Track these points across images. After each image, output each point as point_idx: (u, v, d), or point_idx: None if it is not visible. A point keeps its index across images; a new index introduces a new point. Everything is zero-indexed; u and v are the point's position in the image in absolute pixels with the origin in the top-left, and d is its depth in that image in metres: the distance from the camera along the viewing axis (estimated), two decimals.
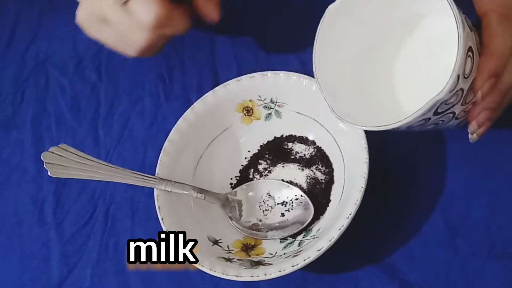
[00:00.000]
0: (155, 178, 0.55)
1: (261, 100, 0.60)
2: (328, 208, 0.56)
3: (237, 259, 0.55)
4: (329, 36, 0.52)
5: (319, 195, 0.57)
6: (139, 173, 0.55)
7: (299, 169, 0.59)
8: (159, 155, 0.58)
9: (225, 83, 0.59)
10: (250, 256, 0.56)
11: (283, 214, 0.57)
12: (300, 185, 0.58)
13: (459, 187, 0.55)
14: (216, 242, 0.57)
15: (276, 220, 0.57)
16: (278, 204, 0.58)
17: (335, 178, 0.57)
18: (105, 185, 0.65)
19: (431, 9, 0.50)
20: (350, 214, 0.50)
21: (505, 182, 0.54)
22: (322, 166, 0.58)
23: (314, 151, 0.59)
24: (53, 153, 0.55)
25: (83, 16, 0.54)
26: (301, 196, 0.57)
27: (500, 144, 0.55)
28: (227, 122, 0.61)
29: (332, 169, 0.58)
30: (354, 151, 0.54)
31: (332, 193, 0.57)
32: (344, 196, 0.55)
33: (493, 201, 0.53)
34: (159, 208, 0.56)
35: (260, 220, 0.57)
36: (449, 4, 0.45)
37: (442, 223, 0.54)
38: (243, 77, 0.59)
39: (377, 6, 0.52)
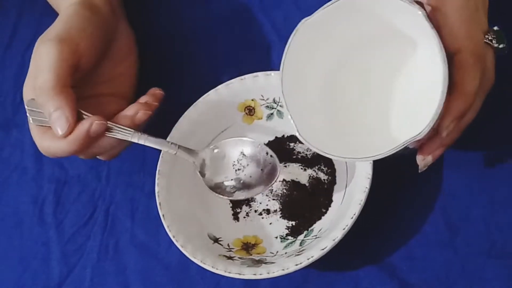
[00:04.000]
0: (129, 130, 0.54)
1: (263, 99, 0.60)
2: (330, 208, 0.56)
3: (238, 257, 0.55)
4: (300, 52, 0.51)
5: (321, 195, 0.57)
6: (114, 124, 0.54)
7: (301, 169, 0.59)
8: (159, 155, 0.58)
9: (228, 82, 0.60)
10: (251, 255, 0.56)
11: (251, 176, 0.57)
12: (302, 185, 0.58)
13: (459, 187, 0.55)
14: (216, 241, 0.57)
15: (245, 179, 0.57)
16: (249, 164, 0.57)
17: (337, 179, 0.57)
18: (105, 185, 0.65)
19: (412, 31, 0.48)
20: (354, 214, 0.50)
21: (504, 182, 0.54)
22: (324, 167, 0.58)
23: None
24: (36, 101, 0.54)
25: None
26: (271, 156, 0.56)
27: (500, 144, 0.55)
28: (229, 121, 0.61)
29: (335, 170, 0.58)
30: None
31: (334, 193, 0.57)
32: (346, 196, 0.55)
33: (493, 201, 0.54)
34: (159, 204, 0.56)
35: (231, 179, 0.57)
36: (433, 33, 0.43)
37: (442, 223, 0.54)
38: (246, 76, 0.59)
39: (350, 25, 0.50)
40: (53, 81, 0.52)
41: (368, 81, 0.53)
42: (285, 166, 0.59)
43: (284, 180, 0.59)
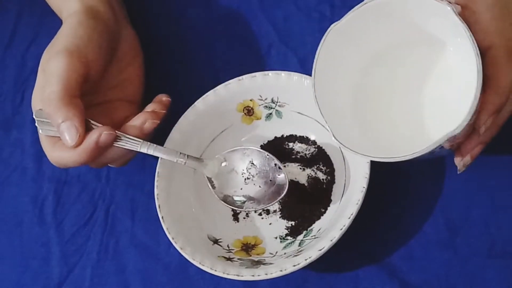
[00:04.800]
0: (138, 140, 0.54)
1: (262, 100, 0.60)
2: (329, 208, 0.56)
3: (238, 259, 0.55)
4: (330, 57, 0.51)
5: (320, 194, 0.57)
6: (123, 133, 0.54)
7: (300, 168, 0.59)
8: None
9: (226, 83, 0.59)
10: (250, 255, 0.56)
11: (260, 186, 0.56)
12: (301, 185, 0.58)
13: (459, 187, 0.55)
14: (216, 242, 0.57)
15: (255, 190, 0.57)
16: (258, 173, 0.57)
17: (336, 178, 0.57)
18: (105, 185, 0.65)
19: (442, 32, 0.49)
20: (352, 214, 0.50)
21: (504, 182, 0.54)
22: (323, 166, 0.58)
23: (315, 151, 0.59)
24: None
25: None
26: (279, 168, 0.56)
27: (499, 144, 0.55)
28: (228, 122, 0.61)
29: (333, 169, 0.58)
30: None
31: (333, 193, 0.57)
32: (345, 196, 0.55)
33: (492, 201, 0.54)
34: (159, 206, 0.56)
35: (241, 189, 0.57)
36: (466, 32, 0.43)
37: (442, 223, 0.54)
38: (244, 76, 0.59)
39: (382, 25, 0.51)
40: (61, 92, 0.52)
41: (399, 83, 0.53)
42: (284, 166, 0.59)
43: None
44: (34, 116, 0.55)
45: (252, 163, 0.56)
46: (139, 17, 0.66)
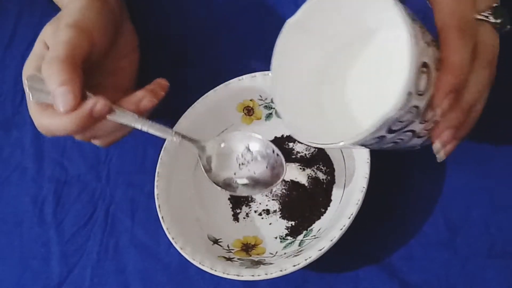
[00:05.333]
0: (133, 116, 0.53)
1: (262, 100, 0.60)
2: (329, 208, 0.56)
3: (238, 259, 0.55)
4: (287, 50, 0.50)
5: (320, 194, 0.57)
6: (118, 107, 0.53)
7: (300, 168, 0.59)
8: (159, 155, 0.58)
9: (226, 83, 0.60)
10: (250, 255, 0.56)
11: (255, 172, 0.56)
12: (301, 185, 0.58)
13: (458, 187, 0.55)
14: (216, 242, 0.57)
15: (251, 174, 0.56)
16: (256, 158, 0.56)
17: (336, 178, 0.57)
18: (105, 185, 0.65)
19: (387, 22, 0.47)
20: (352, 214, 0.50)
21: (504, 182, 0.54)
22: (323, 166, 0.58)
23: (315, 150, 0.59)
24: (38, 77, 0.53)
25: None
26: (277, 155, 0.56)
27: (499, 144, 0.55)
28: (228, 122, 0.61)
29: (333, 169, 0.58)
30: (355, 152, 0.54)
31: (333, 193, 0.57)
32: (345, 196, 0.55)
33: (492, 201, 0.53)
34: (159, 207, 0.56)
35: (235, 174, 0.56)
36: (402, 17, 0.43)
37: (442, 223, 0.54)
38: (244, 76, 0.59)
39: (334, 21, 0.49)
40: (65, 57, 0.51)
41: (353, 76, 0.52)
42: None
43: (283, 180, 0.59)
44: (25, 81, 0.53)
45: (248, 149, 0.56)
46: (139, 17, 0.66)
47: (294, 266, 0.50)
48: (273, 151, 0.55)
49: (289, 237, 0.57)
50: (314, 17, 0.49)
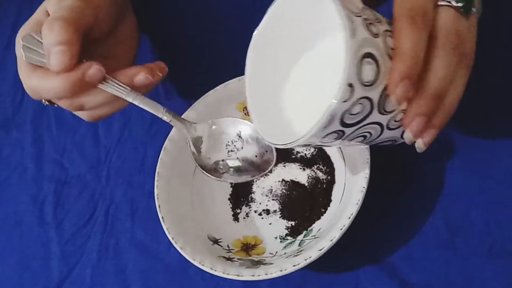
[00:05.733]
0: (125, 88, 0.51)
1: None
2: (329, 208, 0.56)
3: (238, 259, 0.55)
4: (257, 60, 0.50)
5: (320, 194, 0.57)
6: (112, 78, 0.51)
7: (300, 168, 0.59)
8: (159, 155, 0.58)
9: (226, 83, 0.60)
10: (250, 255, 0.56)
11: (244, 160, 0.56)
12: (301, 185, 0.58)
13: (458, 187, 0.55)
14: (216, 242, 0.57)
15: (236, 163, 0.56)
16: (244, 147, 0.56)
17: (336, 178, 0.57)
18: (105, 185, 0.65)
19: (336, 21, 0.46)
20: (352, 214, 0.50)
21: (504, 182, 0.54)
22: (323, 166, 0.58)
23: (315, 150, 0.59)
24: (34, 37, 0.52)
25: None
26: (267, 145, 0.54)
27: (499, 143, 0.55)
28: None
29: (333, 169, 0.58)
30: (355, 151, 0.54)
31: (333, 193, 0.57)
32: (345, 196, 0.55)
33: (492, 201, 0.53)
34: (159, 207, 0.56)
35: (223, 160, 0.56)
36: (336, 11, 0.42)
37: (442, 223, 0.54)
38: (244, 76, 0.59)
39: (295, 25, 0.49)
40: (70, 17, 0.50)
41: (308, 74, 0.52)
42: (284, 166, 0.59)
43: (283, 180, 0.59)
44: (20, 41, 0.52)
45: (240, 136, 0.56)
46: (139, 17, 0.66)
47: (294, 266, 0.50)
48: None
49: (289, 237, 0.57)
50: (278, 24, 0.49)
